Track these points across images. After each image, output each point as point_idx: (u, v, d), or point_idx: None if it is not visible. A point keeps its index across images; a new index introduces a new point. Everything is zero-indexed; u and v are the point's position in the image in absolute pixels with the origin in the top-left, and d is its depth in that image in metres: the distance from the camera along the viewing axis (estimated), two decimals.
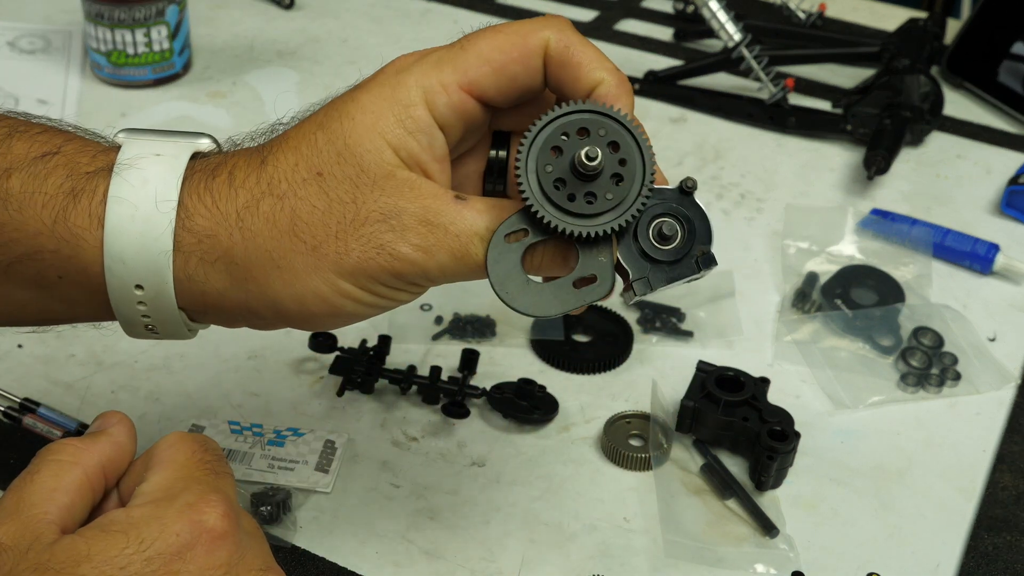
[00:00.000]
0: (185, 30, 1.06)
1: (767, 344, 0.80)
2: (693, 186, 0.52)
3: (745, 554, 0.64)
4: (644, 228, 0.51)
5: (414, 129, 0.49)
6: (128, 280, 0.50)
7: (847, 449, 0.72)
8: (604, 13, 1.25)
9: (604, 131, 0.49)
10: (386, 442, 0.70)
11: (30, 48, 1.11)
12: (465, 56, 0.50)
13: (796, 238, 0.89)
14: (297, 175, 0.49)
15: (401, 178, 0.49)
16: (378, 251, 0.49)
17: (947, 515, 0.68)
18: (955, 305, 0.84)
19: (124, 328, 0.53)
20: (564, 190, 0.49)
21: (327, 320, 0.51)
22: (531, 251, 0.50)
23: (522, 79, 0.50)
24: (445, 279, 0.50)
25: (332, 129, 0.50)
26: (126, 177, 0.49)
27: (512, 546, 0.64)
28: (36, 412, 0.69)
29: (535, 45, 0.50)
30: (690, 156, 1.01)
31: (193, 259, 0.49)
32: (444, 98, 0.49)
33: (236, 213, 0.49)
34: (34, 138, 0.51)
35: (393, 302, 0.51)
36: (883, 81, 1.01)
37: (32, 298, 0.52)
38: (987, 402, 0.76)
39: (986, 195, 0.98)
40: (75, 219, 0.49)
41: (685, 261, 0.51)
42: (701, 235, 0.52)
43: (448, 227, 0.49)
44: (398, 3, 1.25)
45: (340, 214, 0.49)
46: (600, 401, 0.74)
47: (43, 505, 0.48)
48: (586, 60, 0.50)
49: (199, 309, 0.52)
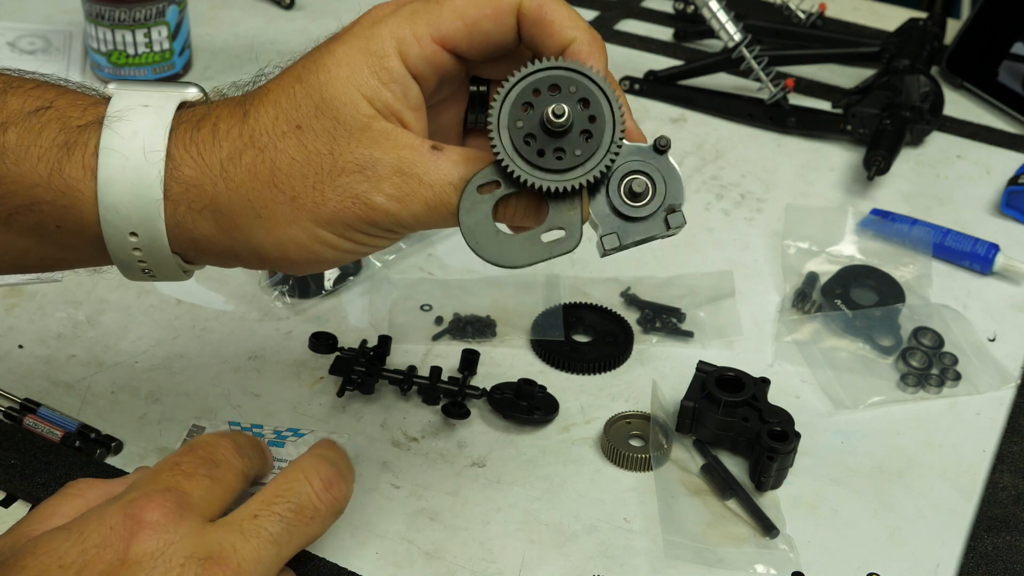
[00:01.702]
0: (185, 30, 1.06)
1: (767, 344, 0.80)
2: (666, 145, 0.52)
3: (745, 554, 0.64)
4: (616, 184, 0.52)
5: (388, 80, 0.51)
6: (123, 228, 0.52)
7: (847, 449, 0.72)
8: (604, 13, 1.25)
9: (575, 88, 0.51)
10: (386, 442, 0.70)
11: (30, 48, 1.11)
12: (439, 9, 0.52)
13: (796, 238, 0.89)
14: (277, 128, 0.51)
15: (377, 129, 0.51)
16: (353, 200, 0.51)
17: (947, 515, 0.68)
18: (955, 305, 0.84)
19: (122, 272, 0.55)
20: (534, 145, 0.50)
21: (308, 266, 0.54)
22: (503, 203, 0.52)
23: (494, 35, 0.52)
24: (420, 227, 0.52)
25: (309, 82, 0.51)
26: (116, 129, 0.51)
27: (512, 546, 0.64)
28: (36, 412, 0.69)
29: (508, 2, 0.52)
30: (690, 156, 1.01)
31: (182, 207, 0.52)
32: (417, 49, 0.51)
33: (220, 164, 0.51)
34: (28, 93, 0.53)
35: (370, 248, 0.53)
36: (883, 81, 1.01)
37: (32, 245, 0.54)
38: (987, 402, 0.76)
39: (986, 195, 0.98)
40: (69, 171, 0.51)
41: (654, 218, 0.52)
42: (673, 193, 0.53)
43: (422, 177, 0.51)
44: None
45: (318, 165, 0.51)
46: (600, 401, 0.74)
47: (36, 525, 0.52)
48: (559, 18, 0.52)
49: (191, 253, 0.54)
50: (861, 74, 1.12)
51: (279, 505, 0.53)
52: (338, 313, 0.80)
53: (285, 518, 0.53)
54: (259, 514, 0.52)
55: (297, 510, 0.53)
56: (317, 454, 0.57)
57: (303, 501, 0.54)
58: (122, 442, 0.68)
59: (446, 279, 0.84)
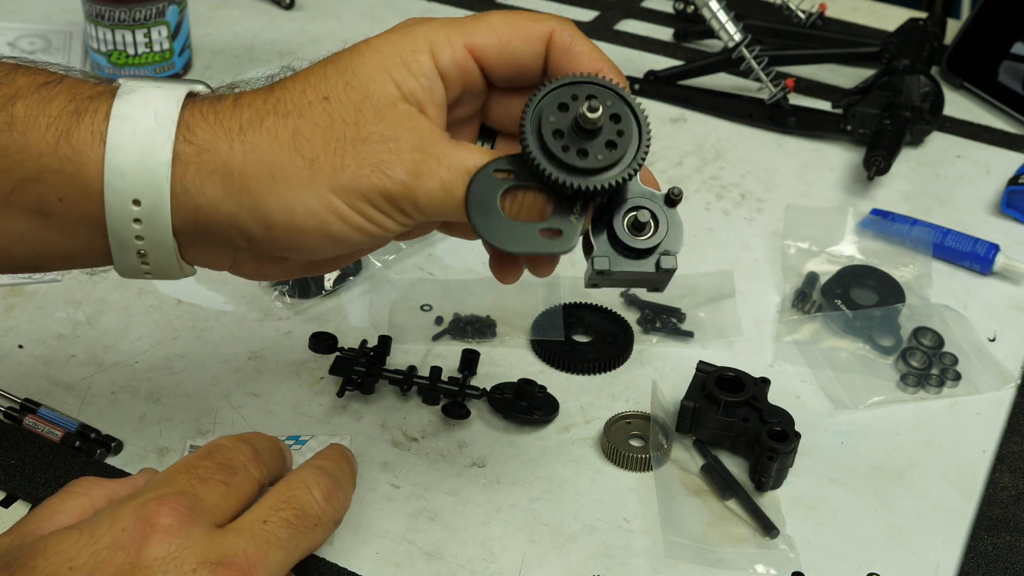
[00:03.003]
0: (185, 30, 1.06)
1: (767, 344, 0.80)
2: (679, 196, 0.54)
3: (745, 554, 0.64)
4: (621, 213, 0.53)
5: (418, 72, 0.53)
6: (126, 194, 0.52)
7: (847, 449, 0.72)
8: (604, 13, 1.25)
9: (611, 102, 0.52)
10: (386, 442, 0.70)
11: (30, 48, 1.11)
12: (476, 23, 0.54)
13: (796, 238, 0.89)
14: (304, 98, 0.52)
15: (402, 109, 0.52)
16: (372, 168, 0.51)
17: (947, 515, 0.68)
18: (955, 305, 0.84)
19: (116, 259, 0.55)
20: (560, 141, 0.51)
21: (313, 241, 0.53)
22: (512, 192, 0.52)
23: (523, 57, 0.54)
24: (431, 209, 0.52)
25: (342, 63, 0.53)
26: (128, 99, 0.52)
27: (512, 546, 0.64)
28: (36, 412, 0.69)
29: (541, 30, 0.54)
30: (690, 156, 1.01)
31: (191, 169, 0.52)
32: (449, 51, 0.53)
33: (239, 127, 0.52)
34: (37, 72, 0.54)
35: (378, 228, 0.53)
36: (883, 81, 1.01)
37: (30, 228, 0.54)
38: (987, 402, 0.76)
39: (986, 195, 0.98)
40: (78, 136, 0.52)
41: (648, 257, 0.54)
42: (671, 240, 0.54)
43: (441, 158, 0.52)
44: (398, 3, 1.25)
45: (341, 132, 0.52)
46: (600, 401, 0.74)
47: (40, 523, 0.51)
48: (587, 51, 0.55)
49: (191, 231, 0.53)
50: (861, 74, 1.12)
51: (286, 511, 0.53)
52: (338, 313, 0.80)
53: (293, 524, 0.53)
54: (268, 520, 0.52)
55: (303, 517, 0.54)
56: (315, 465, 0.57)
57: (307, 509, 0.54)
58: (122, 442, 0.68)
59: (446, 279, 0.84)
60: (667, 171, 0.99)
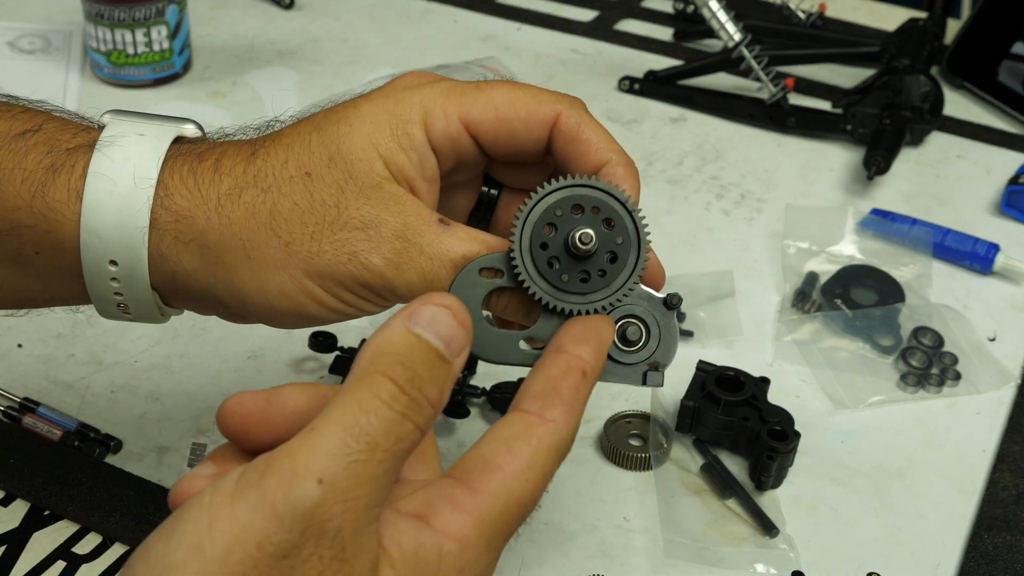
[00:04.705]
0: (185, 30, 1.06)
1: (767, 344, 0.80)
2: (677, 303, 0.51)
3: (745, 554, 0.64)
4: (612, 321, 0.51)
5: (407, 146, 0.50)
6: (103, 255, 0.50)
7: (847, 449, 0.72)
8: (604, 13, 1.25)
9: (610, 216, 0.49)
10: None
11: (30, 48, 1.11)
12: (475, 95, 0.51)
13: (796, 238, 0.89)
14: (285, 172, 0.50)
15: (388, 191, 0.49)
16: (349, 257, 0.49)
17: (947, 515, 0.68)
18: (955, 305, 0.84)
19: (97, 308, 0.53)
20: (551, 259, 0.49)
21: (289, 319, 0.51)
22: (499, 293, 0.50)
23: (521, 140, 0.51)
24: (411, 297, 0.48)
25: (328, 132, 0.50)
26: (107, 153, 0.50)
27: (512, 546, 0.63)
28: (36, 412, 0.69)
29: (545, 114, 0.51)
30: (690, 156, 1.01)
31: (168, 237, 0.50)
32: (443, 124, 0.50)
33: (217, 198, 0.50)
34: (16, 117, 0.52)
35: (357, 311, 0.51)
36: (883, 81, 1.01)
37: (8, 275, 0.53)
38: (987, 402, 0.76)
39: (986, 195, 0.98)
40: (53, 194, 0.49)
41: (635, 368, 0.51)
42: (663, 352, 0.51)
43: (424, 247, 0.49)
44: (398, 3, 1.25)
45: (320, 215, 0.49)
46: (600, 401, 0.74)
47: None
48: (595, 139, 0.51)
49: (170, 290, 0.52)
50: (861, 74, 1.12)
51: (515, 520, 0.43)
52: None
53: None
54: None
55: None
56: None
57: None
58: (121, 441, 0.68)
59: None
60: (667, 171, 0.99)
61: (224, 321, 0.55)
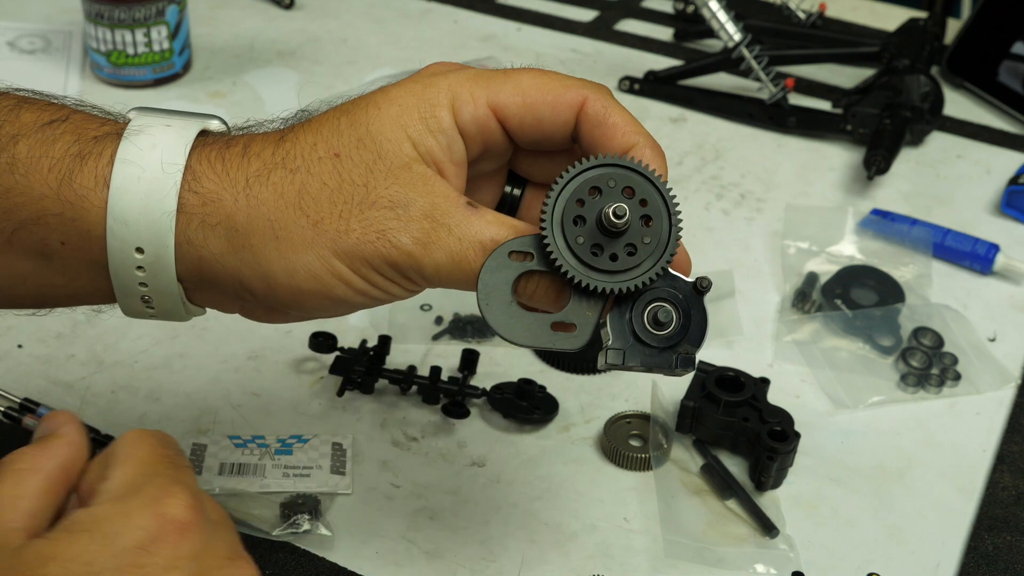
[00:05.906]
0: (185, 30, 1.06)
1: (767, 344, 0.80)
2: (707, 287, 0.51)
3: (745, 554, 0.64)
4: (642, 305, 0.50)
5: (436, 128, 0.50)
6: (129, 242, 0.50)
7: (847, 449, 0.72)
8: (604, 13, 1.25)
9: (643, 197, 0.49)
10: (386, 442, 0.70)
11: (30, 48, 1.11)
12: (503, 80, 0.51)
13: (796, 238, 0.89)
14: (314, 153, 0.50)
15: (416, 171, 0.50)
16: (378, 235, 0.49)
17: (947, 515, 0.68)
18: (955, 305, 0.84)
19: (120, 303, 0.53)
20: (582, 236, 0.49)
21: (316, 301, 0.51)
22: (528, 277, 0.50)
23: (548, 124, 0.51)
24: (439, 280, 0.50)
25: (357, 115, 0.51)
26: (134, 141, 0.50)
27: (512, 546, 0.64)
28: (36, 412, 0.69)
29: (572, 98, 0.51)
30: (690, 156, 1.01)
31: (195, 221, 0.50)
32: (471, 108, 0.50)
33: (245, 180, 0.50)
34: (43, 108, 0.52)
35: (383, 294, 0.51)
36: (883, 81, 1.01)
37: (32, 269, 0.52)
38: (987, 402, 0.76)
39: (986, 195, 0.98)
40: (80, 181, 0.50)
41: (666, 353, 0.51)
42: (693, 335, 0.51)
43: (452, 228, 0.49)
44: (398, 3, 1.25)
45: (349, 194, 0.49)
46: (600, 401, 0.74)
47: (7, 514, 0.47)
48: (622, 123, 0.51)
49: (195, 280, 0.52)
50: (861, 74, 1.12)
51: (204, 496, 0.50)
52: None
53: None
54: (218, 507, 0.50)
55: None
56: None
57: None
58: None
59: None
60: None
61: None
